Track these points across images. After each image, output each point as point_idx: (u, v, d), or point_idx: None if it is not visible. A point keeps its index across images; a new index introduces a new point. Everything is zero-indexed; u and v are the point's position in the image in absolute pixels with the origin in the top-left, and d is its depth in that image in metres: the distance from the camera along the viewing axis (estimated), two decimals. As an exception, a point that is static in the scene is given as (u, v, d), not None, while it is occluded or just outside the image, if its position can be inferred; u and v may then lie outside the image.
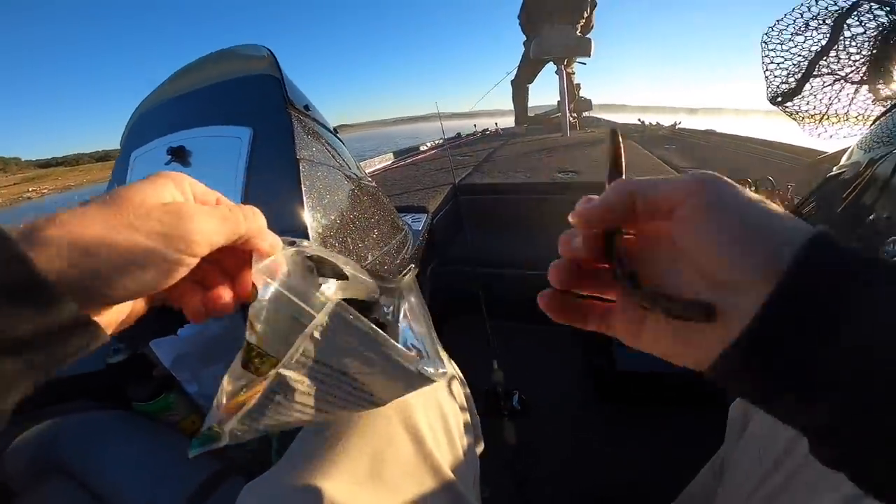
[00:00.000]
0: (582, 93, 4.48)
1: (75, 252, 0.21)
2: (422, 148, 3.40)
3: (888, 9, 0.62)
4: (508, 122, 4.93)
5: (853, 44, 0.67)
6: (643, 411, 1.02)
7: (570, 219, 0.25)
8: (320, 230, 0.75)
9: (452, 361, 0.57)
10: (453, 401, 0.52)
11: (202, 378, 0.92)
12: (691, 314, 0.20)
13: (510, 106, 4.88)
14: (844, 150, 0.79)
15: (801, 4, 0.69)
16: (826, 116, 0.74)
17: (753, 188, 0.89)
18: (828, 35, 0.66)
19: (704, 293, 0.21)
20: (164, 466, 0.82)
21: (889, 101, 0.69)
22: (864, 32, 0.65)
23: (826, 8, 0.67)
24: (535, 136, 3.27)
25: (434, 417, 0.47)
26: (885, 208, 0.63)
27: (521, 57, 4.34)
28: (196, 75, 0.90)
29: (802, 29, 0.69)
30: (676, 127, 4.04)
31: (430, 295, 1.21)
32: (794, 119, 0.78)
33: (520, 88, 4.55)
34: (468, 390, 0.58)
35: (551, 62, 3.03)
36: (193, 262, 0.25)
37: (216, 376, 0.92)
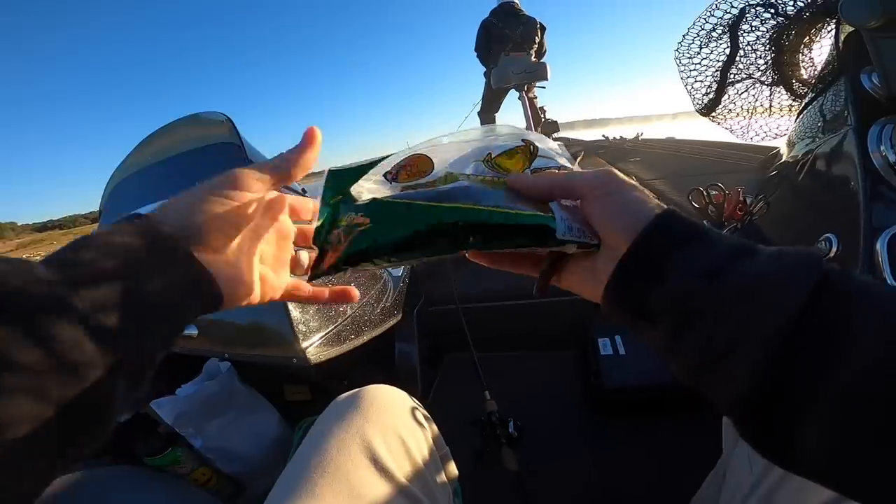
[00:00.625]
0: (550, 115, 4.57)
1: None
2: None
3: (772, 11, 0.67)
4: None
5: (754, 48, 0.71)
6: (642, 425, 1.03)
7: (507, 181, 0.33)
8: None
9: (419, 403, 0.60)
10: (417, 430, 0.54)
11: (206, 432, 0.96)
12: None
13: None
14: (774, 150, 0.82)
15: (700, 17, 0.74)
16: (751, 117, 0.78)
17: (705, 194, 0.91)
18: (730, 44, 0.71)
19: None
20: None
21: (801, 97, 0.73)
22: (758, 39, 0.70)
23: (721, 17, 0.72)
24: None
25: (397, 449, 0.49)
26: (810, 206, 0.66)
27: (483, 88, 4.46)
28: (162, 144, 0.96)
29: (706, 41, 0.74)
30: (640, 138, 4.11)
31: (417, 336, 1.25)
32: (724, 127, 0.82)
33: (488, 119, 4.63)
34: (432, 421, 0.60)
35: (514, 89, 3.12)
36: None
37: (219, 430, 0.97)
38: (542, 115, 4.55)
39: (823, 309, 0.22)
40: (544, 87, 3.20)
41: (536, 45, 4.09)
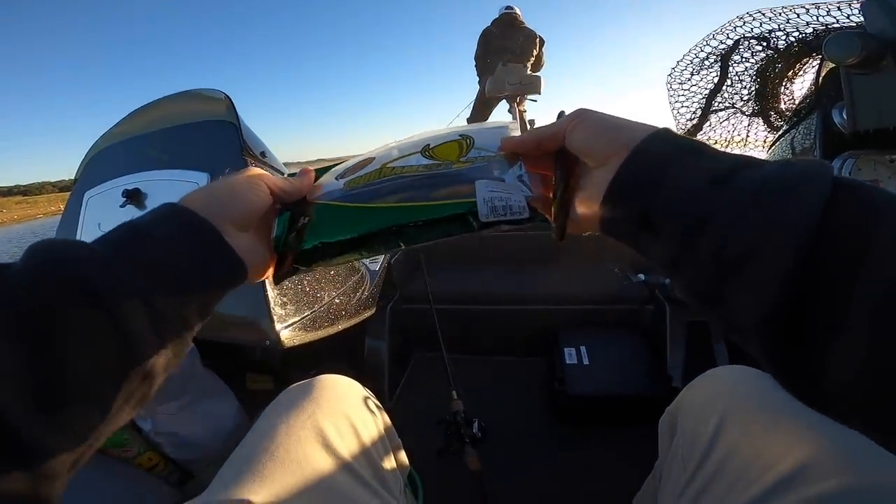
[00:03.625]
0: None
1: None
2: None
3: (764, 44, 0.71)
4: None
5: (741, 79, 0.75)
6: (600, 432, 1.06)
7: (502, 144, 0.35)
8: None
9: (371, 394, 0.60)
10: (369, 419, 0.54)
11: (157, 415, 0.92)
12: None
13: None
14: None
15: (696, 45, 0.77)
16: (727, 146, 0.82)
17: None
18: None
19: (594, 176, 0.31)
20: (118, 500, 0.81)
21: (777, 130, 0.77)
22: (746, 70, 0.73)
23: (716, 47, 0.75)
24: None
25: (349, 436, 0.49)
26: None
27: (475, 96, 4.49)
28: (154, 116, 0.93)
29: (698, 69, 0.77)
30: None
31: (389, 332, 1.24)
32: None
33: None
34: (384, 412, 0.60)
35: (504, 100, 3.16)
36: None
37: (171, 414, 0.93)
38: (530, 129, 4.67)
39: (847, 210, 0.20)
40: (535, 101, 3.27)
41: (534, 58, 4.16)
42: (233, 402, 1.04)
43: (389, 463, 0.55)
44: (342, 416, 0.50)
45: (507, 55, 3.94)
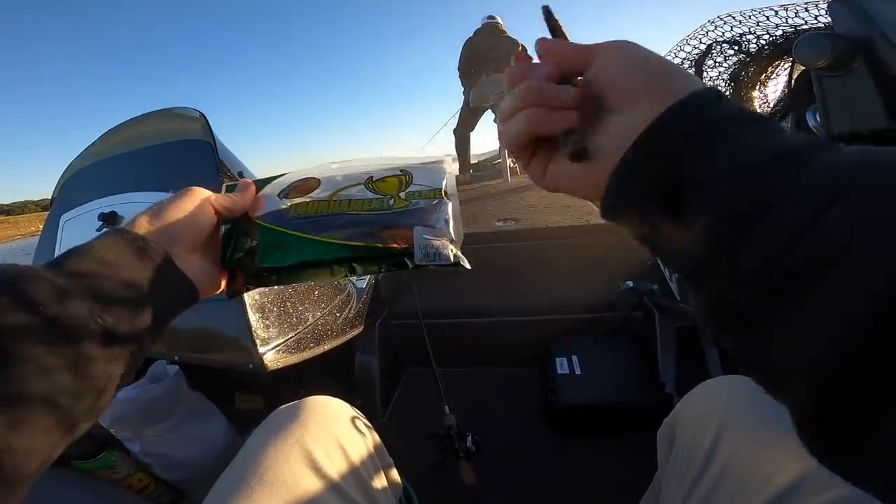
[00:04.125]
0: None
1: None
2: None
3: (736, 48, 0.71)
4: (454, 168, 5.03)
5: (716, 84, 0.76)
6: (595, 442, 1.05)
7: (538, 51, 0.28)
8: (257, 296, 0.77)
9: (361, 414, 0.60)
10: (358, 440, 0.54)
11: (145, 437, 0.91)
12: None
13: (454, 152, 4.85)
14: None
15: (670, 52, 0.78)
16: None
17: None
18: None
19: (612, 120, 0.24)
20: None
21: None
22: (720, 75, 0.74)
23: (690, 52, 0.76)
24: (478, 184, 3.31)
25: (338, 457, 0.49)
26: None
27: (461, 106, 4.45)
28: (128, 135, 0.92)
29: None
30: None
31: (379, 348, 1.24)
32: None
33: (463, 137, 4.61)
34: (374, 432, 0.60)
35: (490, 111, 3.14)
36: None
37: (159, 436, 0.92)
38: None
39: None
40: None
41: None
42: (222, 422, 1.03)
43: (380, 482, 0.54)
44: (330, 438, 0.50)
45: (490, 65, 3.94)
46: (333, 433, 0.51)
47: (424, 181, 0.40)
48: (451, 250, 0.36)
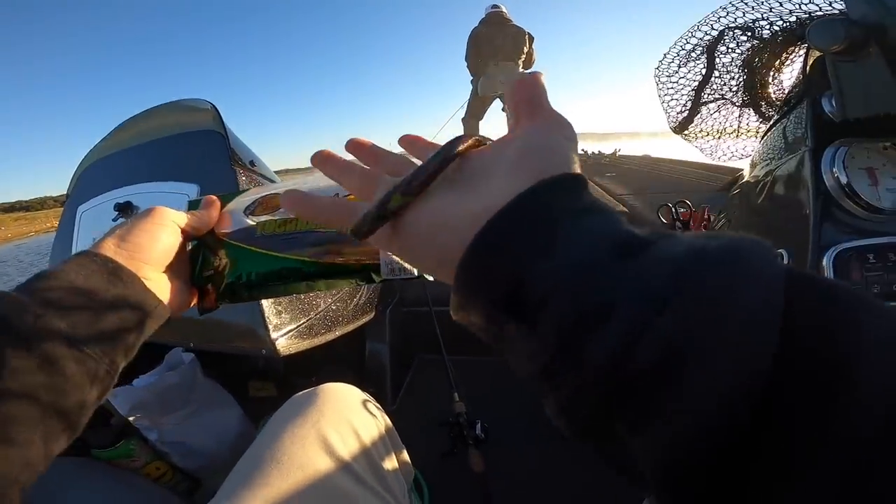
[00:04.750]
0: None
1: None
2: None
3: (749, 34, 0.70)
4: None
5: (728, 70, 0.75)
6: None
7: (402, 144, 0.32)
8: None
9: (374, 400, 0.61)
10: (372, 426, 0.56)
11: (162, 425, 0.93)
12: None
13: None
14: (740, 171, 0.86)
15: (681, 37, 0.77)
16: (720, 137, 0.82)
17: (673, 210, 0.96)
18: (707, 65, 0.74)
19: None
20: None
21: (769, 119, 0.77)
22: (733, 61, 0.73)
23: (701, 38, 0.75)
24: None
25: (352, 442, 0.50)
26: (768, 223, 0.70)
27: (469, 96, 4.40)
28: (142, 128, 0.93)
29: (685, 61, 0.77)
30: (617, 154, 4.28)
31: (389, 336, 1.25)
32: (694, 145, 0.86)
33: (472, 127, 4.54)
34: (387, 418, 0.61)
35: (498, 99, 3.12)
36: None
37: (176, 424, 0.94)
38: None
39: (811, 316, 0.14)
40: None
41: (525, 56, 4.14)
42: (237, 410, 1.05)
43: (393, 467, 0.56)
44: (345, 423, 0.52)
45: (498, 54, 3.93)
46: (348, 418, 0.53)
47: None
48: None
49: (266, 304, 0.75)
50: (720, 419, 0.13)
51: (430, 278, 0.38)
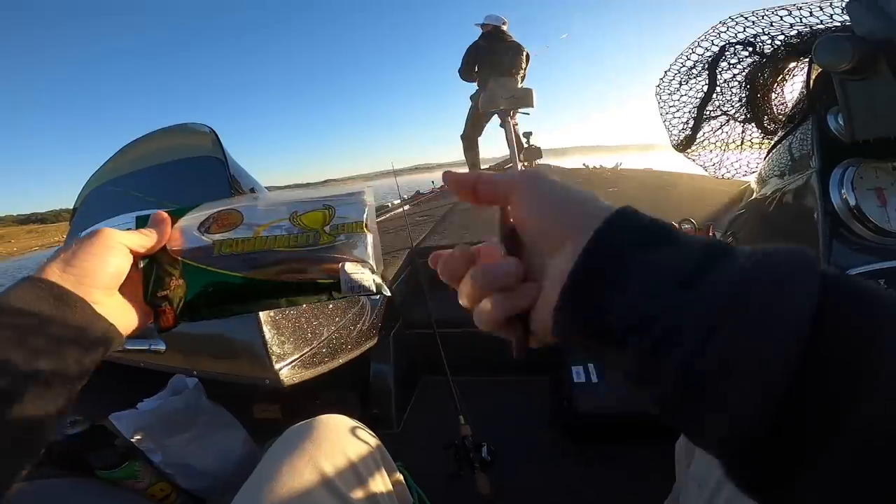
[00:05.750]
0: (535, 140, 4.59)
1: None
2: (389, 205, 3.47)
3: (750, 49, 0.69)
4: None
5: (730, 86, 0.73)
6: (613, 450, 1.04)
7: (445, 179, 0.32)
8: (271, 313, 0.78)
9: (369, 430, 0.62)
10: (368, 458, 0.56)
11: (167, 447, 0.93)
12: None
13: (463, 157, 4.69)
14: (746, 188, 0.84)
15: (682, 54, 0.75)
16: (724, 152, 0.80)
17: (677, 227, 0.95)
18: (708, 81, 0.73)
19: (543, 262, 0.26)
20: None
21: (773, 134, 0.75)
22: (734, 77, 0.71)
23: (702, 55, 0.73)
24: None
25: (349, 475, 0.51)
26: (776, 244, 0.68)
27: (468, 111, 4.40)
28: (143, 152, 0.94)
29: (686, 78, 0.75)
30: (619, 168, 4.25)
31: (394, 358, 1.25)
32: (698, 164, 0.84)
33: (471, 143, 4.53)
34: (384, 449, 0.62)
35: (496, 115, 3.09)
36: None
37: (180, 446, 0.94)
38: (527, 141, 4.58)
39: (840, 318, 0.17)
40: (528, 114, 3.21)
41: (524, 72, 4.15)
42: (241, 433, 1.05)
43: (387, 489, 0.57)
44: (339, 453, 0.52)
45: (498, 68, 3.92)
46: (344, 451, 0.53)
47: (346, 214, 0.42)
48: (374, 280, 0.40)
49: (269, 334, 0.75)
50: (753, 409, 0.17)
51: (388, 293, 0.41)
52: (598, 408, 1.05)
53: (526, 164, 4.20)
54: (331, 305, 0.94)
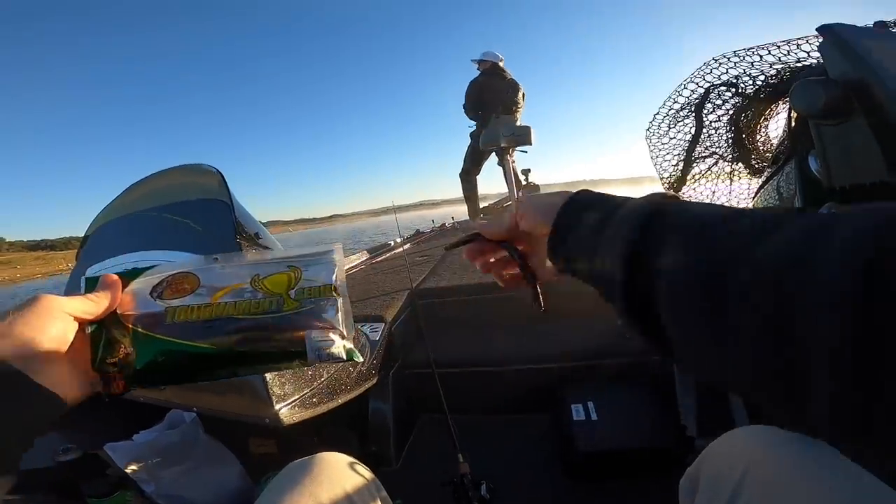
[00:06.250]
0: (534, 177, 4.62)
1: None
2: (392, 244, 3.46)
3: (733, 90, 0.69)
4: (462, 209, 4.83)
5: (716, 128, 0.73)
6: (611, 486, 1.03)
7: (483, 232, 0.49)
8: None
9: (367, 469, 0.63)
10: (367, 495, 0.57)
11: (160, 479, 0.94)
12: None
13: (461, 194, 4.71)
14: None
15: (669, 97, 0.76)
16: (713, 196, 0.79)
17: None
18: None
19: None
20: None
21: (761, 174, 0.75)
22: (720, 118, 0.72)
23: (689, 97, 0.74)
24: None
25: (341, 500, 0.53)
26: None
27: (467, 148, 4.39)
28: (149, 191, 0.97)
29: (674, 122, 0.76)
30: None
31: (392, 397, 1.25)
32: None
33: (470, 179, 4.50)
34: (382, 489, 0.62)
35: (494, 152, 3.09)
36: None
37: (175, 478, 0.94)
38: (525, 178, 4.59)
39: (656, 226, 0.30)
40: (526, 152, 3.20)
41: (521, 109, 4.17)
42: (237, 467, 1.05)
43: None
44: (341, 492, 0.53)
45: (499, 107, 3.93)
46: (343, 487, 0.55)
47: (314, 276, 0.40)
48: (343, 347, 0.38)
49: (269, 375, 0.76)
50: (621, 258, 0.31)
51: (361, 359, 0.40)
52: (597, 445, 1.05)
53: (524, 201, 4.18)
54: None
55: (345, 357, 0.38)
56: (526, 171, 4.62)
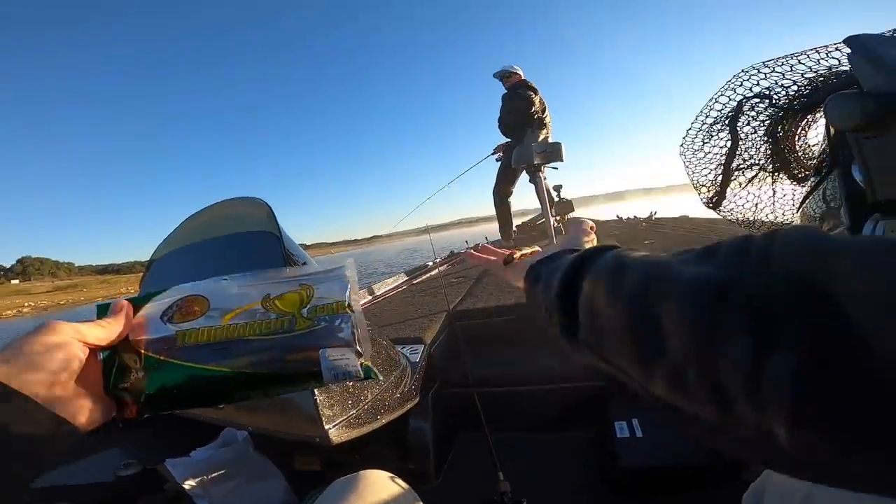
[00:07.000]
0: (566, 192, 4.54)
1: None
2: (429, 265, 3.50)
3: (767, 102, 0.68)
4: (494, 228, 4.74)
5: (752, 140, 0.72)
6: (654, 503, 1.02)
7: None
8: None
9: (408, 487, 0.64)
10: (400, 499, 0.60)
11: (213, 494, 0.99)
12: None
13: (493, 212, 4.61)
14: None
15: (701, 111, 0.75)
16: (755, 212, 0.76)
17: None
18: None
19: None
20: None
21: (803, 181, 0.72)
22: (755, 131, 0.70)
23: (720, 111, 0.73)
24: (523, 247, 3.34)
25: None
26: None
27: (498, 166, 4.34)
28: (204, 223, 1.04)
29: (709, 136, 0.74)
30: (653, 218, 3.99)
31: (432, 416, 1.27)
32: (733, 220, 0.79)
33: (503, 198, 4.38)
34: (414, 492, 0.64)
35: (525, 171, 3.04)
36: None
37: (226, 494, 0.99)
38: (558, 194, 4.52)
39: (575, 277, 0.38)
40: (556, 168, 3.16)
41: (550, 125, 4.14)
42: (282, 484, 1.09)
43: None
44: None
45: (535, 123, 3.91)
46: (385, 502, 0.57)
47: (327, 293, 0.39)
48: (360, 364, 0.37)
49: (320, 397, 0.80)
50: (558, 287, 0.41)
51: (380, 377, 0.43)
52: (641, 461, 1.03)
53: (558, 218, 4.09)
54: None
55: (362, 375, 0.37)
56: (558, 188, 4.57)
